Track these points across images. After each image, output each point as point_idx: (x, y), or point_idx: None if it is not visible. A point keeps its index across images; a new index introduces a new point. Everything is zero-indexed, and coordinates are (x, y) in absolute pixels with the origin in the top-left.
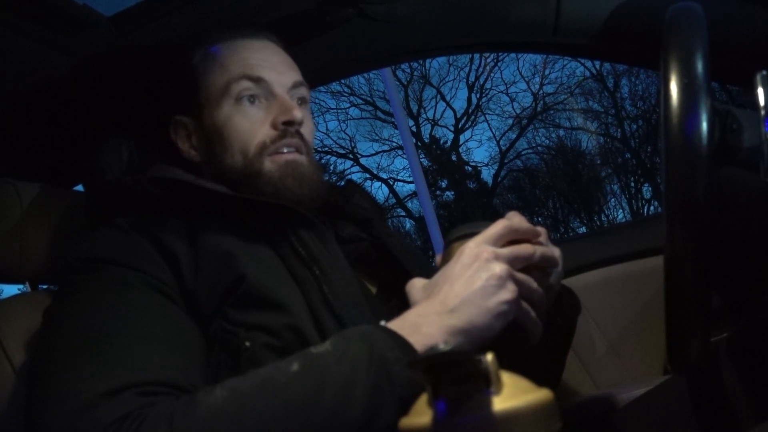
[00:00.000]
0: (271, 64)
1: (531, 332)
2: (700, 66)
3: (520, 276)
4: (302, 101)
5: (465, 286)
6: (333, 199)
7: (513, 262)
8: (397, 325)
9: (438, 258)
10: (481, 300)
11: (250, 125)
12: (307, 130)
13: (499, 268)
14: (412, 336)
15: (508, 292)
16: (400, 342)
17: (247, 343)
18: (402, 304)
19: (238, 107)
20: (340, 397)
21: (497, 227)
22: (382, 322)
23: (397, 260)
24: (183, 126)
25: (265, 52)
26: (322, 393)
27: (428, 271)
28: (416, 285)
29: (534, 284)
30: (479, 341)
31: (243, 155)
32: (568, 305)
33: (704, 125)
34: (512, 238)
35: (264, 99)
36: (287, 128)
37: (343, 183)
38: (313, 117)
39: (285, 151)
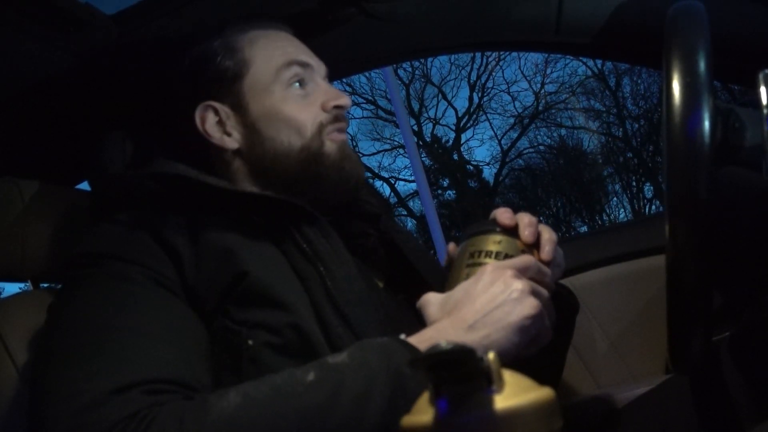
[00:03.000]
0: (308, 54)
1: (544, 337)
2: (702, 65)
3: (539, 289)
4: None
5: (486, 303)
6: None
7: (536, 275)
8: (415, 339)
9: (452, 247)
10: (501, 315)
11: (304, 107)
12: None
13: (521, 284)
14: None
15: (531, 308)
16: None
17: (250, 342)
18: (409, 298)
19: (289, 91)
20: (354, 409)
21: (525, 260)
22: (402, 336)
23: (405, 257)
24: (214, 112)
25: (296, 43)
26: (336, 404)
27: (436, 268)
28: (432, 301)
29: (546, 292)
30: (500, 355)
31: (300, 135)
32: (568, 305)
33: (706, 124)
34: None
35: (311, 83)
36: (339, 111)
37: None
38: None
39: (339, 134)
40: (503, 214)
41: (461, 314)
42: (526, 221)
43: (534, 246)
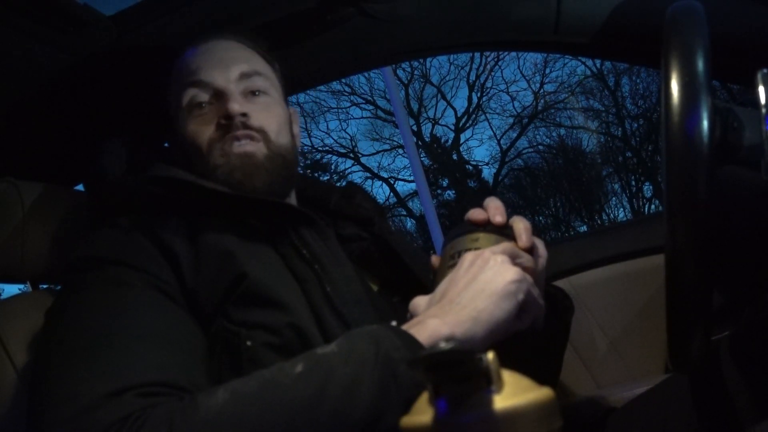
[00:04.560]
0: (212, 63)
1: (537, 316)
2: (700, 64)
3: (521, 262)
4: (256, 92)
5: (469, 280)
6: (334, 200)
7: (513, 257)
8: (405, 325)
9: (435, 259)
10: (484, 285)
11: (199, 128)
12: (263, 117)
13: (500, 257)
14: (419, 332)
15: (513, 273)
16: (407, 341)
17: (249, 343)
18: (404, 301)
19: (190, 115)
20: (344, 397)
21: (502, 246)
22: (394, 323)
23: (400, 257)
24: (169, 135)
25: (210, 53)
26: (325, 394)
27: (430, 268)
28: (419, 303)
29: (533, 264)
30: (490, 326)
31: (200, 157)
32: (563, 307)
33: (705, 123)
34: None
35: (215, 100)
36: (230, 122)
37: (344, 184)
38: (290, 107)
39: (236, 144)
40: (474, 212)
41: (447, 297)
42: (492, 206)
43: (510, 237)
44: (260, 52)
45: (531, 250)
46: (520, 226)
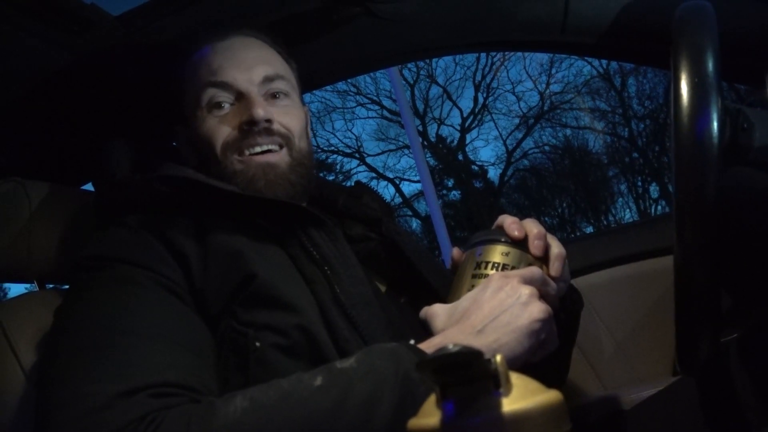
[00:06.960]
0: (235, 63)
1: (551, 343)
2: (710, 64)
3: (548, 288)
4: (278, 94)
5: (495, 307)
6: (342, 200)
7: (541, 286)
8: (423, 345)
9: (456, 252)
10: (510, 318)
11: (218, 128)
12: (286, 121)
13: (529, 289)
14: None
15: (540, 311)
16: None
17: (257, 344)
18: (412, 301)
19: (209, 114)
20: (362, 414)
21: (531, 271)
22: (412, 342)
23: (407, 258)
24: (181, 132)
25: (231, 51)
26: (344, 409)
27: (438, 268)
28: (438, 313)
29: (556, 291)
30: (510, 360)
31: (215, 159)
32: (571, 300)
33: (715, 124)
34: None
35: (236, 100)
36: (251, 128)
37: (351, 183)
38: (304, 106)
39: (258, 150)
40: (511, 226)
41: (470, 321)
42: (535, 233)
43: (542, 260)
44: (279, 51)
45: (557, 278)
46: (555, 252)
